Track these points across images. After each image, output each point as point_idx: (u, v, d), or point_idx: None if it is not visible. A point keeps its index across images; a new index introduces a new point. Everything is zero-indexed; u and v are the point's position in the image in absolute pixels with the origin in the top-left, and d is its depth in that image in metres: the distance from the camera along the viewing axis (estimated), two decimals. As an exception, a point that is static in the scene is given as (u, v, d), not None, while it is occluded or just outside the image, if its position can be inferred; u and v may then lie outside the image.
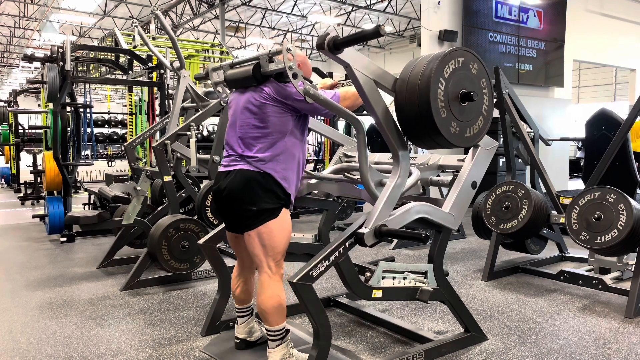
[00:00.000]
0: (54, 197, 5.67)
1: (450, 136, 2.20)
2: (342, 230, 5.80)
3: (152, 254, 3.68)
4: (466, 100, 2.23)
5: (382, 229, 2.21)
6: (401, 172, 2.30)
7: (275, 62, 2.26)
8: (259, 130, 2.31)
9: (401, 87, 2.22)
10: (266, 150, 2.30)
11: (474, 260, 4.71)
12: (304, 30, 20.37)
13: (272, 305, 2.28)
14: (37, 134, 10.79)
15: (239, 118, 2.38)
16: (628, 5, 10.99)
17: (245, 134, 2.34)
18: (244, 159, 2.33)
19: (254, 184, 2.27)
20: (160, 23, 3.99)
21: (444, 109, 2.16)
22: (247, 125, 2.34)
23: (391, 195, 2.29)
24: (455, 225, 2.59)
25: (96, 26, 18.56)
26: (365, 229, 2.20)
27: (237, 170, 2.32)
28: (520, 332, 2.98)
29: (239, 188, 2.29)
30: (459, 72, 2.23)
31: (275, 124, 2.30)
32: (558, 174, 9.27)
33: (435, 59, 2.16)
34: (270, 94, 2.29)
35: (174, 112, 4.26)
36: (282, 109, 2.30)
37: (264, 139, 2.30)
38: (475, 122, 2.32)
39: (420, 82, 2.14)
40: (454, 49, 2.24)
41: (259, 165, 2.29)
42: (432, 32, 8.00)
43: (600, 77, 20.06)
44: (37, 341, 2.87)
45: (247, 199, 2.27)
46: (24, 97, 21.62)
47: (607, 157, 3.75)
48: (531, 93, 9.08)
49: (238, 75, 2.38)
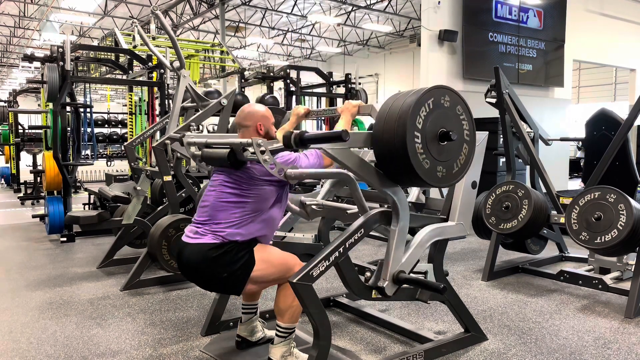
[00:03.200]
0: (54, 197, 5.67)
1: (438, 181, 2.19)
2: (342, 230, 5.80)
3: (152, 254, 3.68)
4: (445, 140, 2.18)
5: (401, 277, 2.30)
6: (401, 213, 2.32)
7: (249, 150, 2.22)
8: (235, 204, 2.29)
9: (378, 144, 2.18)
10: (236, 220, 2.27)
11: (474, 260, 4.71)
12: (304, 30, 20.36)
13: (289, 304, 2.31)
14: (37, 134, 10.79)
15: (217, 189, 2.36)
16: (628, 5, 10.99)
17: (218, 205, 2.31)
18: (206, 229, 2.29)
19: (215, 255, 2.23)
20: (160, 23, 3.99)
21: (425, 160, 2.13)
22: (224, 196, 2.31)
23: (398, 240, 2.32)
24: (466, 231, 2.63)
25: (96, 26, 18.55)
26: (385, 282, 2.28)
27: (196, 246, 2.28)
28: (520, 332, 2.98)
29: (199, 263, 2.26)
30: (432, 114, 2.15)
31: (256, 201, 2.29)
32: (558, 174, 9.27)
33: (404, 114, 2.08)
34: (252, 175, 2.28)
35: (174, 112, 4.26)
36: (265, 185, 2.30)
37: (239, 212, 2.28)
38: (460, 154, 2.28)
39: (395, 140, 2.09)
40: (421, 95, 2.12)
41: (220, 234, 2.26)
42: (432, 32, 8.00)
43: (600, 77, 20.04)
44: (37, 341, 2.87)
45: (212, 270, 2.25)
46: (24, 97, 21.62)
47: (607, 157, 3.75)
48: (531, 93, 9.08)
49: (214, 155, 2.35)
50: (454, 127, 2.23)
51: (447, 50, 8.18)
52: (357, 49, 23.25)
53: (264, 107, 2.48)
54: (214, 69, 10.77)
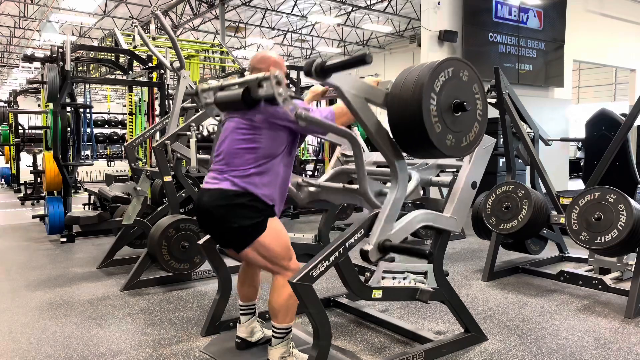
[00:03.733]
0: (54, 197, 5.67)
1: (447, 149, 2.18)
2: (342, 230, 5.80)
3: (152, 254, 3.68)
4: (459, 110, 2.19)
5: (386, 244, 2.23)
6: (400, 184, 2.30)
7: (264, 87, 2.23)
8: (248, 150, 2.29)
9: (392, 103, 2.18)
10: (250, 168, 2.28)
11: (474, 260, 4.71)
12: (304, 30, 20.36)
13: (283, 303, 2.31)
14: (37, 134, 10.79)
15: (230, 137, 2.37)
16: (628, 6, 11.00)
17: (235, 153, 2.32)
18: (225, 176, 2.31)
19: (232, 202, 2.25)
20: (160, 23, 3.99)
21: (438, 123, 2.13)
22: (237, 144, 2.32)
23: (392, 209, 2.29)
24: (458, 227, 2.61)
25: (96, 26, 18.56)
26: (369, 246, 2.22)
27: (215, 190, 2.31)
28: (520, 332, 2.98)
29: (216, 207, 2.28)
30: (450, 82, 2.18)
31: (266, 145, 2.29)
32: (558, 174, 9.27)
33: (425, 75, 2.11)
34: (265, 116, 2.28)
35: (174, 112, 4.26)
36: (275, 130, 2.29)
37: (253, 160, 2.29)
38: (470, 130, 2.28)
39: (412, 98, 2.10)
40: (443, 61, 2.18)
41: (239, 182, 2.27)
42: (432, 32, 8.00)
43: (600, 77, 20.05)
44: (37, 341, 2.87)
45: (225, 217, 2.26)
46: (24, 97, 21.61)
47: (607, 157, 3.75)
48: (531, 93, 9.08)
49: (228, 98, 2.33)
50: (469, 102, 2.24)
51: (447, 51, 8.18)
52: (357, 49, 23.24)
53: (277, 54, 2.49)
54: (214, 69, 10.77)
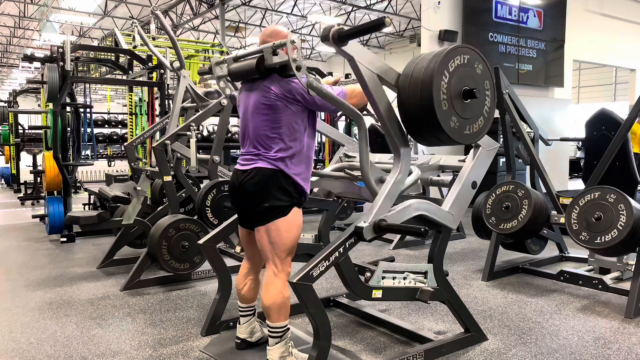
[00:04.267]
0: (54, 197, 5.67)
1: (450, 130, 2.19)
2: (342, 230, 5.80)
3: (152, 254, 3.68)
4: (468, 97, 2.23)
5: (382, 224, 2.22)
6: (402, 168, 2.31)
7: (279, 54, 2.25)
8: (272, 130, 2.33)
9: (404, 82, 2.22)
10: (281, 150, 2.33)
11: (474, 260, 4.71)
12: (304, 30, 20.36)
13: (274, 301, 2.31)
14: (37, 134, 10.78)
15: (251, 120, 2.41)
16: (628, 5, 10.99)
17: (259, 135, 2.36)
18: (260, 157, 2.36)
19: (270, 182, 2.32)
20: (160, 23, 3.99)
21: (445, 101, 2.16)
22: (259, 127, 2.36)
23: (391, 190, 2.29)
24: (455, 224, 2.59)
25: (96, 26, 18.56)
26: (365, 223, 2.21)
27: (254, 169, 2.36)
28: (520, 332, 2.98)
29: (255, 186, 2.33)
30: (464, 68, 2.23)
31: (286, 123, 2.32)
32: (558, 174, 9.27)
33: (440, 54, 2.17)
34: (278, 93, 2.30)
35: (174, 112, 4.26)
36: (291, 107, 2.32)
37: (279, 139, 2.33)
38: (475, 121, 2.32)
39: (424, 75, 2.15)
40: (460, 45, 2.25)
41: (275, 163, 2.32)
42: (432, 32, 8.00)
43: (600, 77, 20.06)
44: (37, 341, 2.87)
45: (262, 196, 2.32)
46: (24, 97, 21.60)
47: (607, 157, 3.75)
48: (531, 93, 9.08)
49: (242, 68, 2.39)
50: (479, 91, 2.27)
51: (447, 51, 8.17)
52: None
53: (288, 31, 2.51)
54: (214, 69, 10.73)
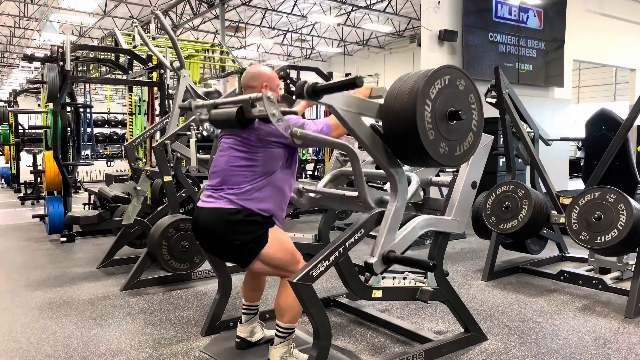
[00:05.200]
0: (54, 197, 5.67)
1: (440, 157, 2.16)
2: (342, 230, 5.80)
3: (152, 254, 3.68)
4: (454, 119, 2.18)
5: (390, 256, 2.24)
6: (400, 194, 2.30)
7: (257, 106, 2.21)
8: (245, 168, 2.29)
9: (387, 113, 2.17)
10: (247, 185, 2.27)
11: (474, 260, 4.71)
12: (304, 30, 20.36)
13: (290, 304, 2.31)
14: (37, 134, 10.79)
15: (226, 154, 2.36)
16: (628, 5, 10.99)
17: (232, 171, 2.31)
18: (221, 194, 2.30)
19: (230, 220, 2.25)
20: (160, 23, 3.99)
21: (431, 130, 2.11)
22: (234, 162, 2.32)
23: (393, 219, 2.29)
24: (461, 229, 2.61)
25: (96, 26, 18.56)
26: (373, 258, 2.23)
27: (212, 209, 2.30)
28: (520, 332, 2.98)
29: (215, 225, 2.28)
30: (446, 90, 2.16)
31: (264, 162, 2.28)
32: (558, 174, 9.27)
33: (420, 80, 2.09)
34: (259, 136, 2.27)
35: (174, 112, 4.26)
36: (273, 148, 2.29)
37: (248, 175, 2.28)
38: (465, 140, 2.27)
39: (406, 104, 2.08)
40: (440, 68, 2.16)
41: (235, 200, 2.26)
42: (432, 32, 8.00)
43: (600, 77, 20.05)
44: (37, 341, 2.87)
45: (226, 235, 2.26)
46: (24, 97, 21.61)
47: (607, 157, 3.75)
48: (531, 93, 9.08)
49: (222, 116, 2.34)
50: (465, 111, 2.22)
51: (447, 50, 8.18)
52: (357, 49, 23.25)
53: (270, 69, 2.48)
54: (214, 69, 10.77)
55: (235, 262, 2.37)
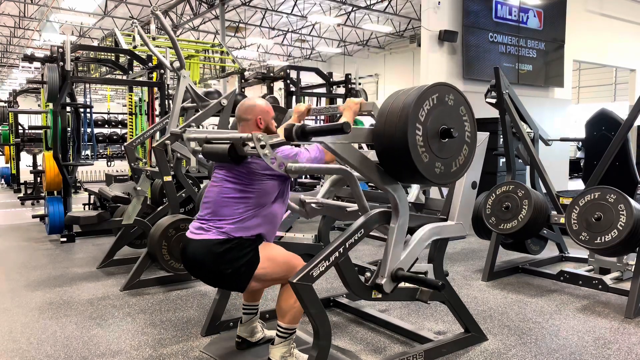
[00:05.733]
0: (54, 197, 5.67)
1: (437, 177, 2.18)
2: (342, 230, 5.80)
3: (152, 254, 3.68)
4: (446, 137, 2.18)
5: (399, 274, 2.28)
6: (401, 210, 2.31)
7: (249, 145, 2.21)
8: (238, 200, 2.29)
9: (378, 138, 2.17)
10: (239, 217, 2.27)
11: (474, 260, 4.71)
12: (304, 30, 20.37)
13: (292, 305, 2.31)
14: (37, 134, 10.77)
15: (219, 185, 2.36)
16: (628, 5, 10.99)
17: (221, 201, 2.31)
18: (210, 225, 2.30)
19: (219, 251, 2.24)
20: (160, 23, 3.99)
21: (425, 153, 2.12)
22: (226, 192, 2.32)
23: (397, 237, 2.31)
24: (465, 231, 2.62)
25: (96, 26, 18.56)
26: (383, 279, 2.26)
27: (200, 241, 2.29)
28: (520, 332, 2.98)
29: (205, 256, 2.27)
30: (435, 109, 2.16)
31: (258, 194, 2.29)
32: (558, 174, 9.26)
33: (408, 104, 2.09)
34: (253, 170, 2.28)
35: (174, 112, 4.26)
36: (267, 181, 2.29)
37: (241, 207, 2.28)
38: (459, 154, 2.28)
39: (396, 131, 2.09)
40: (426, 89, 2.14)
41: (226, 231, 2.26)
42: (432, 32, 8.00)
43: (600, 77, 20.04)
44: (37, 341, 2.87)
45: (216, 266, 2.26)
46: (24, 97, 21.60)
47: (607, 157, 3.75)
48: (531, 93, 9.07)
49: (215, 152, 2.34)
50: (456, 126, 2.23)
51: (447, 51, 8.18)
52: (357, 49, 23.24)
53: (264, 101, 2.47)
54: (214, 69, 10.76)
55: (231, 289, 2.38)
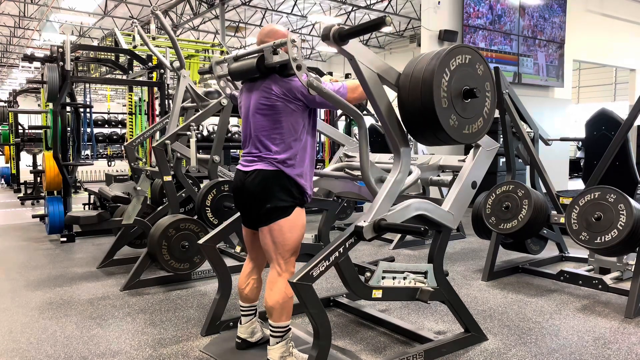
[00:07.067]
0: (54, 197, 5.67)
1: (449, 128, 2.18)
2: (342, 230, 5.80)
3: (152, 254, 3.68)
4: (469, 96, 2.22)
5: (382, 223, 2.22)
6: (402, 167, 2.31)
7: (279, 54, 2.25)
8: (273, 131, 2.34)
9: (405, 81, 2.22)
10: (283, 151, 2.34)
11: (474, 260, 4.71)
12: (304, 30, 20.36)
13: (277, 301, 2.32)
14: (37, 134, 10.78)
15: (252, 121, 2.42)
16: (628, 5, 10.99)
17: (261, 136, 2.38)
18: (261, 158, 2.37)
19: (272, 182, 2.33)
20: (160, 23, 3.99)
21: (445, 99, 2.16)
22: (261, 127, 2.38)
23: (391, 190, 2.29)
24: (454, 224, 2.59)
25: (96, 26, 18.56)
26: (365, 223, 2.21)
27: (256, 171, 2.37)
28: (520, 332, 2.98)
29: (257, 187, 2.35)
30: (465, 68, 2.22)
31: (287, 123, 2.33)
32: (558, 174, 9.26)
33: (442, 52, 2.17)
34: (278, 93, 2.31)
35: (174, 112, 4.26)
36: (292, 107, 2.32)
37: (280, 139, 2.34)
38: (475, 122, 2.31)
39: (425, 73, 2.15)
40: (462, 45, 2.25)
41: (277, 164, 2.34)
42: (432, 32, 8.00)
43: (600, 77, 20.05)
44: (37, 341, 2.87)
45: (264, 197, 2.33)
46: (24, 97, 21.63)
47: (607, 157, 3.75)
48: (531, 93, 9.08)
49: (242, 67, 2.40)
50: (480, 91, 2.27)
51: (447, 50, 8.17)
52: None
53: (285, 29, 2.50)
54: (214, 69, 10.74)
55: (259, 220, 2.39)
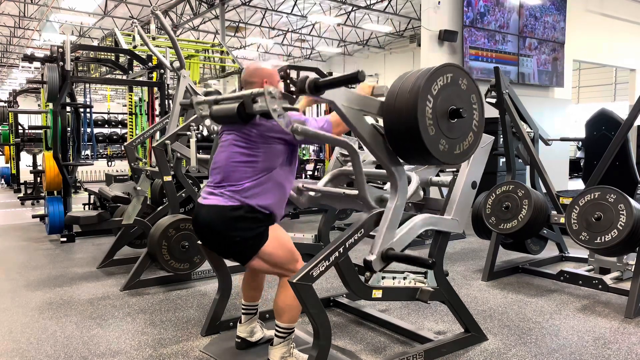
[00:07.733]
0: (54, 197, 5.67)
1: (440, 154, 2.16)
2: (342, 230, 5.80)
3: (152, 254, 3.68)
4: (455, 117, 2.18)
5: (389, 253, 2.25)
6: (400, 192, 2.30)
7: (258, 102, 2.21)
8: (245, 164, 2.29)
9: (388, 109, 2.17)
10: (247, 182, 2.27)
11: (474, 260, 4.71)
12: (304, 30, 20.36)
13: (288, 304, 2.32)
14: (37, 134, 10.79)
15: (227, 150, 2.36)
16: (628, 5, 10.99)
17: (229, 165, 2.32)
18: (221, 190, 2.31)
19: (231, 216, 2.25)
20: (160, 23, 3.99)
21: (432, 126, 2.11)
22: (234, 157, 2.32)
23: (393, 217, 2.29)
24: (461, 228, 2.62)
25: (96, 26, 18.56)
26: (372, 256, 2.23)
27: (212, 206, 2.30)
28: (520, 332, 2.98)
29: (215, 222, 2.28)
30: (448, 88, 2.16)
31: (264, 159, 2.28)
32: (558, 174, 9.27)
33: (422, 77, 2.10)
34: (260, 133, 2.28)
35: (174, 112, 4.26)
36: (273, 144, 2.29)
37: (248, 171, 2.28)
38: (465, 139, 2.27)
39: (408, 101, 2.09)
40: (442, 65, 2.17)
41: (236, 197, 2.27)
42: (432, 32, 8.00)
43: (600, 77, 20.05)
44: (37, 341, 2.87)
45: (226, 231, 2.27)
46: (24, 97, 21.60)
47: (607, 157, 3.75)
48: (531, 93, 9.08)
49: (223, 112, 2.34)
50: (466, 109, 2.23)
51: (447, 50, 8.18)
52: (357, 49, 23.25)
53: (271, 65, 2.48)
54: (214, 69, 10.76)
55: (235, 258, 2.37)
